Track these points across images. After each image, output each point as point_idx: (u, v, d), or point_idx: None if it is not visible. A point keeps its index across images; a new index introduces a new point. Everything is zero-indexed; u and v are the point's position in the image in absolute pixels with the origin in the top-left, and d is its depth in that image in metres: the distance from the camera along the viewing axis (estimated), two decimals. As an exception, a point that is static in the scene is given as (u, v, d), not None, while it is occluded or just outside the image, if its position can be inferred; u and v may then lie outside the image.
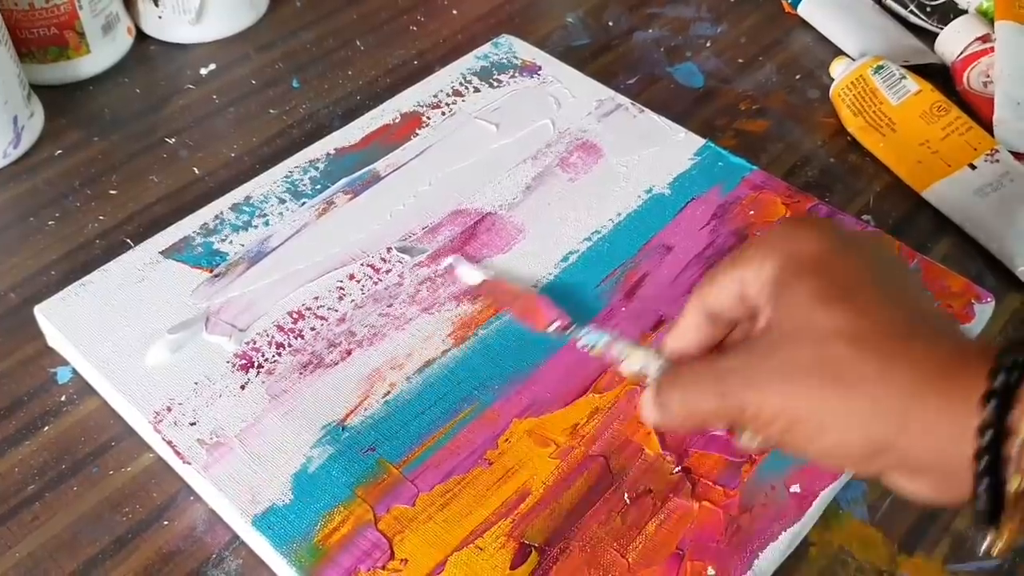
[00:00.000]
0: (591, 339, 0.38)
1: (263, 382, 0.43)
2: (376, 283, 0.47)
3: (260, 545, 0.39)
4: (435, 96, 0.57)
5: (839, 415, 0.28)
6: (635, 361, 0.35)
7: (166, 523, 0.40)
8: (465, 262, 0.48)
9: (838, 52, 0.64)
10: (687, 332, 0.34)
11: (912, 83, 0.58)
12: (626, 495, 0.40)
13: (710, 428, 0.33)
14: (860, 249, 0.31)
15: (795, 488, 0.40)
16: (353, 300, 0.46)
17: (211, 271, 0.47)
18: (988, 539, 0.27)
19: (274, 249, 0.48)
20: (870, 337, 0.28)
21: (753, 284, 0.31)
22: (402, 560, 0.38)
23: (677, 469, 0.41)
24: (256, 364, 0.44)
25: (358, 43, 0.64)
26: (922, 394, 0.27)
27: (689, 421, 0.32)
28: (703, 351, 0.34)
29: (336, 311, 0.46)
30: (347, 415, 0.42)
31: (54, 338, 0.46)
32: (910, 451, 0.27)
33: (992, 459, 0.26)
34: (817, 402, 0.28)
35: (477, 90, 0.57)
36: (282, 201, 0.50)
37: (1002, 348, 0.27)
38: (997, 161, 0.55)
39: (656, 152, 0.54)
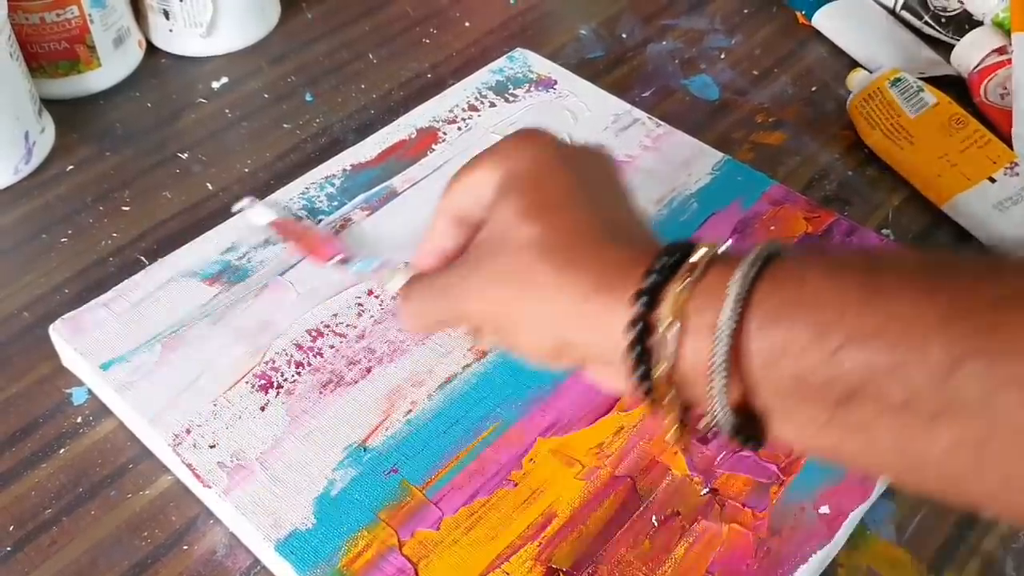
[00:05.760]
0: (362, 266, 0.41)
1: (283, 402, 0.42)
2: (395, 297, 0.46)
3: (283, 570, 0.38)
4: (451, 111, 0.56)
5: (526, 318, 0.31)
6: (398, 282, 0.37)
7: (186, 547, 0.40)
8: (259, 203, 0.48)
9: (853, 63, 0.64)
10: (437, 240, 0.36)
11: (929, 95, 0.58)
12: (654, 517, 0.39)
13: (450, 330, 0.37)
14: (573, 165, 0.33)
15: (824, 509, 0.40)
16: (372, 316, 0.46)
17: (229, 289, 0.46)
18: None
19: (292, 267, 0.48)
20: (554, 247, 0.30)
21: (485, 191, 0.33)
22: (428, 585, 0.37)
23: (705, 491, 0.40)
24: (276, 384, 0.43)
25: (371, 56, 0.64)
26: (590, 296, 0.29)
27: (429, 329, 0.37)
28: (456, 258, 0.35)
29: (355, 327, 0.45)
30: (368, 435, 0.41)
31: (69, 358, 0.45)
32: (587, 349, 0.30)
33: (641, 352, 0.28)
34: (510, 307, 0.31)
35: (493, 105, 0.57)
36: (299, 218, 0.50)
37: (659, 251, 0.29)
38: (1017, 174, 0.54)
39: (675, 166, 0.54)
